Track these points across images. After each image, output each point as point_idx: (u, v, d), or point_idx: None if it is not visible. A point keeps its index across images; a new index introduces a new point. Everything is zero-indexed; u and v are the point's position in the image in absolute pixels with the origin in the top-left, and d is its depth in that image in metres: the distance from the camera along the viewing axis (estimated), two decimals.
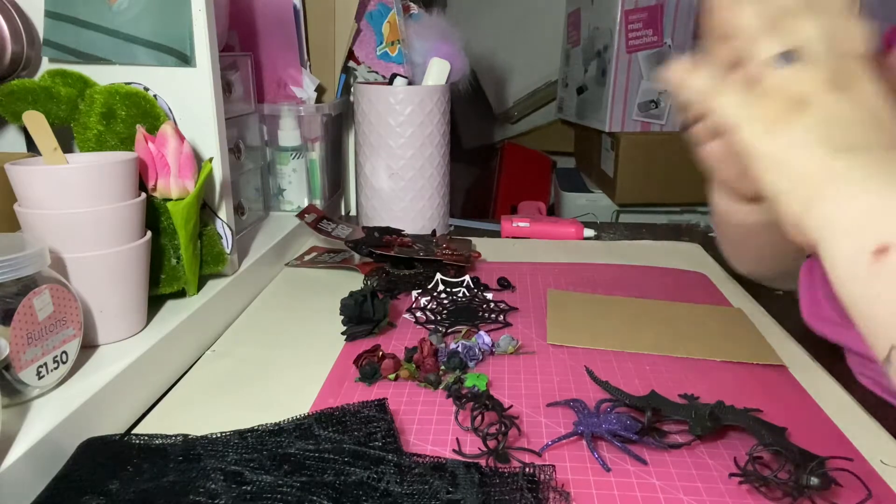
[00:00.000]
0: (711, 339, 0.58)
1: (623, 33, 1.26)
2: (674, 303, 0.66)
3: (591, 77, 1.42)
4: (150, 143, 0.55)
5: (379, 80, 0.98)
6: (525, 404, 0.48)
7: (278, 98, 0.90)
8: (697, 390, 0.49)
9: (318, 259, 0.80)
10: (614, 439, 0.42)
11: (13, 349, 0.40)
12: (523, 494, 0.35)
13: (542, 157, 1.77)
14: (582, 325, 0.61)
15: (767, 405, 0.47)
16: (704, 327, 0.61)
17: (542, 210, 1.27)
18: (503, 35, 1.79)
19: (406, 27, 0.96)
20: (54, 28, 0.59)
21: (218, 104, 0.61)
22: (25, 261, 0.41)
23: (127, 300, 0.51)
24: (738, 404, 0.45)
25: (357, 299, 0.58)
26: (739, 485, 0.39)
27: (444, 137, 0.89)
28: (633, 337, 0.58)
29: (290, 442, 0.40)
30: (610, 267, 0.79)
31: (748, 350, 0.56)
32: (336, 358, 0.55)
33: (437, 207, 0.91)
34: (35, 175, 0.47)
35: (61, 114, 0.57)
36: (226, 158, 0.64)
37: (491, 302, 0.65)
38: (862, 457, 0.42)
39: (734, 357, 0.55)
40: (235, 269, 0.66)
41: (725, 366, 0.54)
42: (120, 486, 0.36)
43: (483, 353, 0.55)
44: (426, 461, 0.38)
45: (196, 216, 0.58)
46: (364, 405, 0.43)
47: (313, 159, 0.93)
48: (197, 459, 0.39)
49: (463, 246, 0.83)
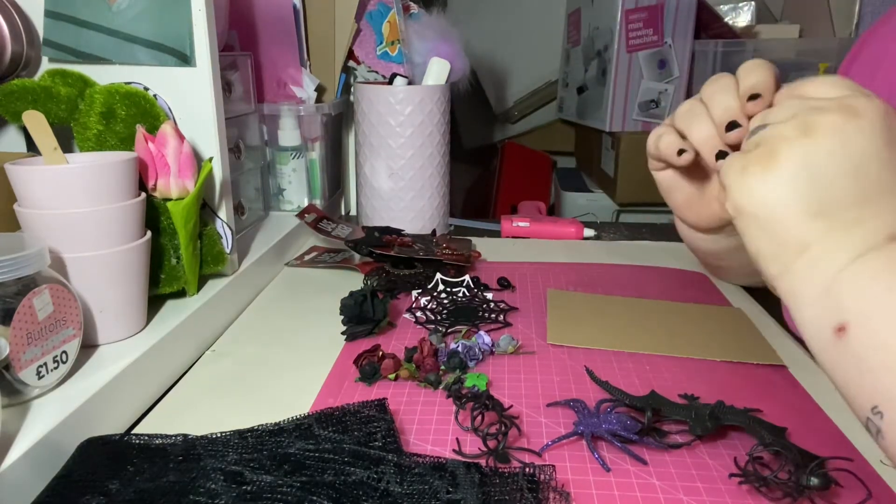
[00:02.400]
0: (711, 339, 0.58)
1: (623, 33, 1.26)
2: (674, 303, 0.66)
3: (591, 77, 1.42)
4: (150, 143, 0.55)
5: (379, 80, 0.98)
6: (525, 404, 0.48)
7: (278, 98, 0.90)
8: (697, 390, 0.49)
9: (318, 259, 0.80)
10: (614, 439, 0.42)
11: (13, 349, 0.40)
12: (523, 494, 0.35)
13: (542, 157, 1.77)
14: (582, 325, 0.61)
15: (767, 405, 0.47)
16: (704, 327, 0.61)
17: (542, 210, 1.27)
18: (503, 35, 1.78)
19: (406, 27, 0.96)
20: (54, 28, 0.59)
21: (218, 104, 0.61)
22: (25, 261, 0.41)
23: (127, 300, 0.51)
24: (738, 404, 0.45)
25: (357, 299, 0.58)
26: (739, 485, 0.39)
27: (444, 137, 0.89)
28: (633, 337, 0.58)
29: (290, 442, 0.40)
30: (610, 267, 0.79)
31: (748, 350, 0.56)
32: (336, 358, 0.55)
33: (437, 207, 0.91)
34: (35, 175, 0.47)
35: (61, 114, 0.56)
36: (226, 158, 0.64)
37: (491, 302, 0.65)
38: (862, 457, 0.42)
39: (734, 357, 0.55)
40: (235, 269, 0.66)
41: (725, 366, 0.54)
42: (120, 486, 0.36)
43: (483, 353, 0.55)
44: (426, 461, 0.38)
45: (196, 216, 0.58)
46: (364, 405, 0.43)
47: (313, 159, 0.93)
48: (197, 459, 0.39)
49: (463, 246, 0.83)
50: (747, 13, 1.50)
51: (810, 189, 0.34)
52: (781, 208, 0.35)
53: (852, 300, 0.32)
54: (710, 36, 1.32)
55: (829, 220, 0.34)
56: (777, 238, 0.35)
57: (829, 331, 0.33)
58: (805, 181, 0.34)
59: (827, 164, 0.34)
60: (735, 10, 1.50)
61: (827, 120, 0.35)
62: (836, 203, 0.34)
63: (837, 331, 0.32)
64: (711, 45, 1.24)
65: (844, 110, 0.35)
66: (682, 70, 1.28)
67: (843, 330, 0.32)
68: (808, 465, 0.37)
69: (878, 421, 0.31)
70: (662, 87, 1.30)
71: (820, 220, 0.34)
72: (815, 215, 0.34)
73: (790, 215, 0.35)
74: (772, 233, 0.35)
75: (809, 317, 0.34)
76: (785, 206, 0.35)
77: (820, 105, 0.36)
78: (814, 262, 0.34)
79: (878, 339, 0.31)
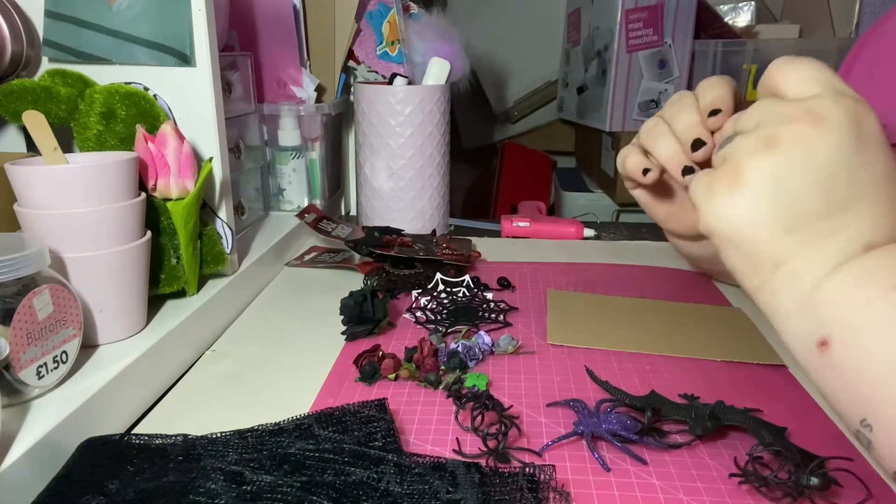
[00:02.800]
0: (711, 339, 0.58)
1: (623, 33, 1.26)
2: (674, 303, 0.66)
3: (591, 77, 1.42)
4: (149, 143, 0.55)
5: (379, 80, 0.98)
6: (525, 404, 0.48)
7: (278, 98, 0.90)
8: (697, 390, 0.49)
9: (318, 259, 0.80)
10: (614, 439, 0.42)
11: (13, 349, 0.40)
12: (523, 494, 0.35)
13: (542, 157, 1.77)
14: (582, 325, 0.61)
15: (767, 405, 0.47)
16: (704, 327, 0.61)
17: (542, 210, 1.27)
18: (503, 35, 1.78)
19: (406, 27, 0.96)
20: (54, 28, 0.59)
21: (218, 104, 0.61)
22: (25, 261, 0.41)
23: (127, 300, 0.51)
24: (738, 404, 0.45)
25: (357, 299, 0.58)
26: (739, 485, 0.39)
27: (444, 137, 0.89)
28: (633, 337, 0.58)
29: (290, 442, 0.40)
30: (610, 267, 0.79)
31: (748, 350, 0.56)
32: (336, 358, 0.55)
33: (437, 207, 0.91)
34: (35, 175, 0.47)
35: (61, 114, 0.56)
36: (226, 158, 0.64)
37: (491, 302, 0.65)
38: (862, 457, 0.42)
39: (734, 357, 0.55)
40: (235, 269, 0.66)
41: (725, 366, 0.54)
42: (120, 486, 0.36)
43: (483, 352, 0.55)
44: (426, 461, 0.38)
45: (196, 216, 0.58)
46: (364, 405, 0.43)
47: (313, 159, 0.93)
48: (197, 459, 0.39)
49: (463, 246, 0.83)
50: (747, 13, 1.50)
51: (779, 204, 0.33)
52: (751, 227, 0.34)
53: (832, 314, 0.31)
54: (710, 36, 1.32)
55: (802, 234, 0.33)
56: (751, 256, 0.34)
57: (812, 345, 0.32)
58: (772, 197, 0.33)
59: (794, 177, 0.33)
60: (735, 10, 1.50)
61: (791, 130, 0.33)
62: (807, 215, 0.33)
63: (820, 345, 0.31)
64: (711, 45, 1.24)
65: (809, 118, 0.33)
66: (682, 70, 1.28)
67: (825, 344, 0.31)
68: (808, 465, 0.36)
69: (868, 433, 0.30)
70: (662, 87, 1.29)
71: (793, 234, 0.33)
72: (787, 230, 0.33)
73: (760, 233, 0.34)
74: (745, 251, 0.35)
75: (791, 330, 0.33)
76: (754, 224, 0.34)
77: (785, 112, 0.34)
78: (790, 277, 0.33)
79: (862, 354, 0.30)
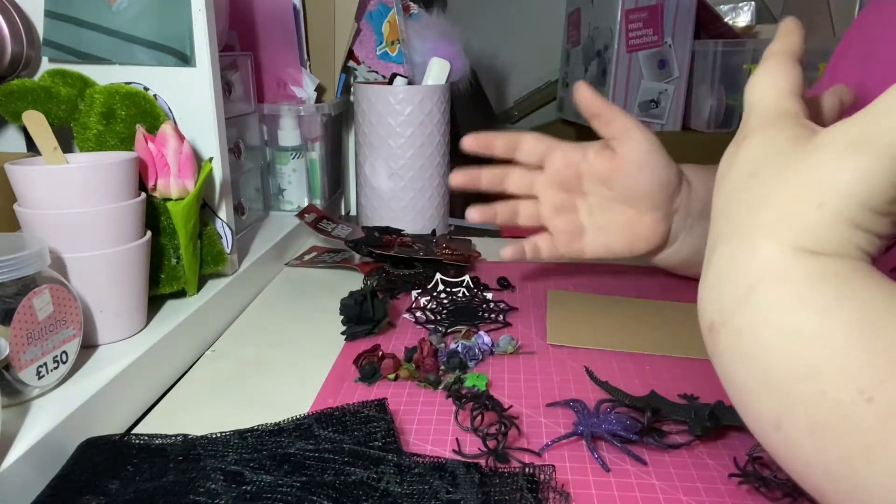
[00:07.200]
0: None
1: (623, 33, 1.26)
2: (674, 303, 0.66)
3: (591, 77, 1.42)
4: (149, 143, 0.55)
5: (379, 80, 0.98)
6: (525, 404, 0.48)
7: (278, 98, 0.90)
8: (697, 390, 0.49)
9: (317, 259, 0.80)
10: (614, 439, 0.42)
11: (13, 349, 0.40)
12: (523, 495, 0.35)
13: None
14: (582, 325, 0.61)
15: None
16: None
17: None
18: (503, 35, 1.79)
19: (406, 27, 0.96)
20: (54, 28, 0.59)
21: (218, 104, 0.61)
22: (25, 261, 0.41)
23: (127, 300, 0.51)
24: None
25: (357, 299, 0.58)
26: (739, 485, 0.39)
27: (444, 137, 0.89)
28: (633, 337, 0.58)
29: (290, 442, 0.40)
30: (610, 267, 0.79)
31: None
32: (336, 358, 0.55)
33: (437, 207, 0.91)
34: (35, 175, 0.47)
35: (61, 114, 0.57)
36: (226, 158, 0.64)
37: (491, 302, 0.65)
38: None
39: None
40: (235, 269, 0.66)
41: None
42: (120, 486, 0.36)
43: (483, 353, 0.55)
44: (426, 461, 0.38)
45: (196, 216, 0.58)
46: (364, 405, 0.43)
47: (313, 159, 0.93)
48: (197, 459, 0.39)
49: (463, 246, 0.83)
50: (747, 13, 1.50)
51: None
52: None
53: None
54: (710, 36, 1.32)
55: None
56: None
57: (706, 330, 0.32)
58: None
59: None
60: (735, 10, 1.50)
61: None
62: None
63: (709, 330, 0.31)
64: (711, 45, 1.24)
65: None
66: (682, 70, 1.28)
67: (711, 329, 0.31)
68: None
69: None
70: (662, 87, 1.29)
71: None
72: None
73: None
74: None
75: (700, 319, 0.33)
76: None
77: None
78: None
79: None
